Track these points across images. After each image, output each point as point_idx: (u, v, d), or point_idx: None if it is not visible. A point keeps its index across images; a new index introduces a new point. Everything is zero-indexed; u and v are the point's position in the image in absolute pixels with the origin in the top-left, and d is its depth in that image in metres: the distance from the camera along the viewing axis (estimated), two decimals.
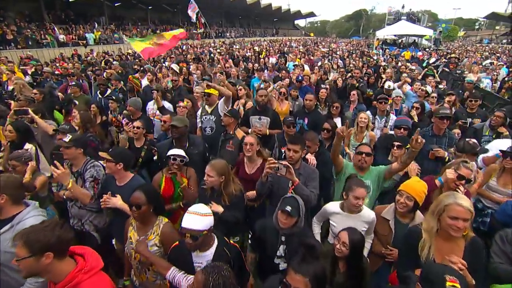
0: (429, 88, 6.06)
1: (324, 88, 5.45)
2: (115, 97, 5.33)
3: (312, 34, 54.25)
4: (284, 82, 6.29)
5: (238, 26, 42.70)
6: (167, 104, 5.07)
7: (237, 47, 20.07)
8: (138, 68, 9.36)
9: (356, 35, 58.80)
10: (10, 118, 4.13)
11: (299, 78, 6.03)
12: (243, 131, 3.98)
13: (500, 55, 20.15)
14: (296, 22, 59.19)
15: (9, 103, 5.02)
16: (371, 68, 9.27)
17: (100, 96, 5.85)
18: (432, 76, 7.92)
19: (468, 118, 4.54)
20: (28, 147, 3.46)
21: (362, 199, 2.29)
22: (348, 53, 17.27)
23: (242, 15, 42.90)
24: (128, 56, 14.44)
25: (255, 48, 17.85)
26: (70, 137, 2.70)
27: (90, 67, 9.89)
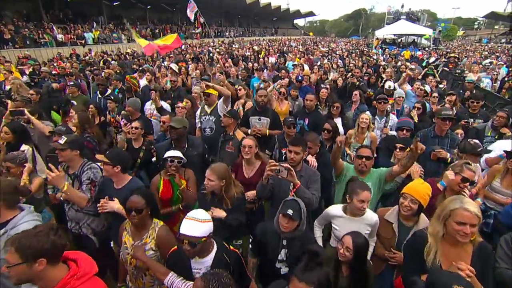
0: (427, 87, 6.02)
1: (325, 88, 5.40)
2: (114, 97, 5.27)
3: (311, 34, 54.17)
4: (284, 82, 6.24)
5: (237, 25, 42.62)
6: (165, 104, 5.02)
7: (236, 46, 20.00)
8: (137, 68, 9.29)
9: (355, 34, 58.83)
10: (5, 119, 4.08)
11: (299, 78, 5.97)
12: (242, 131, 3.92)
13: (499, 54, 20.14)
14: (295, 21, 59.12)
15: (6, 102, 4.95)
16: (371, 68, 9.23)
17: (100, 96, 5.79)
18: (432, 76, 7.89)
19: (470, 118, 4.51)
20: (24, 148, 3.42)
21: (366, 202, 2.25)
22: (347, 52, 17.22)
23: (241, 14, 42.81)
24: (127, 56, 14.37)
25: (254, 47, 17.77)
26: (65, 139, 2.63)
27: (89, 67, 9.82)
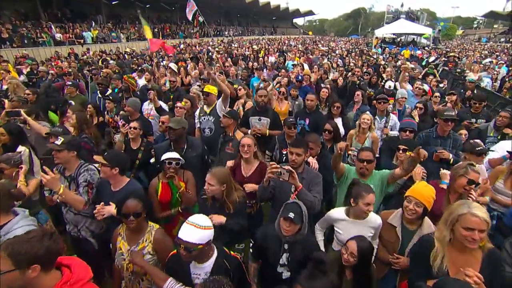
0: (426, 86, 5.97)
1: (325, 87, 5.35)
2: (112, 97, 5.21)
3: (310, 33, 54.10)
4: (283, 81, 6.18)
5: (236, 24, 42.51)
6: (163, 104, 4.96)
7: (235, 45, 19.92)
8: (136, 67, 9.22)
9: (354, 33, 58.75)
10: (1, 120, 4.02)
11: (299, 77, 5.92)
12: (242, 132, 3.86)
13: (499, 53, 20.12)
14: (295, 20, 58.95)
15: (3, 102, 4.89)
16: (371, 67, 9.18)
17: (100, 95, 5.72)
18: (433, 75, 7.85)
19: (472, 118, 4.47)
20: (21, 149, 3.36)
21: (372, 205, 2.21)
22: (347, 52, 17.16)
23: (240, 13, 42.71)
24: (126, 55, 14.28)
25: (254, 46, 17.70)
26: (61, 140, 2.58)
27: (87, 66, 9.74)
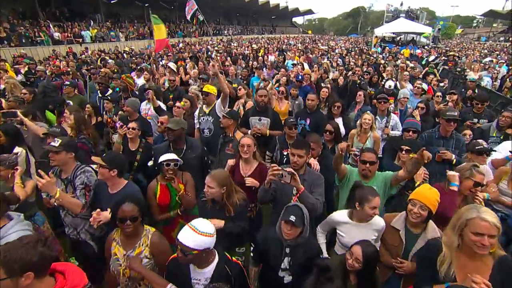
0: (425, 85, 5.94)
1: (325, 87, 5.30)
2: (111, 97, 5.15)
3: (310, 32, 54.03)
4: (282, 81, 6.12)
5: (235, 23, 42.40)
6: (161, 104, 4.90)
7: (235, 44, 19.83)
8: (135, 67, 9.15)
9: (354, 32, 58.65)
10: None
11: (299, 77, 5.87)
12: (242, 132, 3.81)
13: (499, 52, 20.09)
14: (294, 19, 58.86)
15: (0, 102, 4.83)
16: (372, 66, 9.13)
17: (100, 95, 5.65)
18: (433, 75, 7.81)
19: (475, 118, 4.43)
20: (18, 150, 3.31)
21: (377, 209, 2.18)
22: (347, 51, 17.10)
23: (240, 12, 42.58)
24: (124, 55, 14.20)
25: (253, 46, 17.62)
26: (59, 141, 2.52)
27: (85, 66, 9.67)
